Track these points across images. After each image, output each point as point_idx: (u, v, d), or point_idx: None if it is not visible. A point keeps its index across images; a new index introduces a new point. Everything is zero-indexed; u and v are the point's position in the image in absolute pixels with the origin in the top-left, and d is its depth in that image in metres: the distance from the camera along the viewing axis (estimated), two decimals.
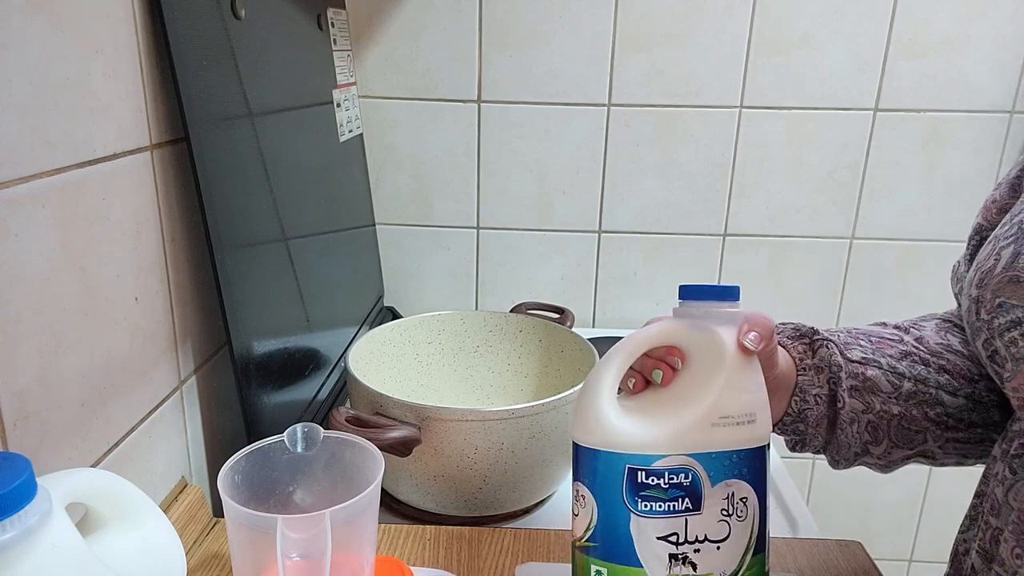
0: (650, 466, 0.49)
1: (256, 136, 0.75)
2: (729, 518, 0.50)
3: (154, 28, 0.62)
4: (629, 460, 0.49)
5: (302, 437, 0.53)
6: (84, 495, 0.47)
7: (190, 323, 0.70)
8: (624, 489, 0.49)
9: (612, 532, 0.49)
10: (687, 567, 0.49)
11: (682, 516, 0.49)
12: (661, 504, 0.49)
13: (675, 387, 0.52)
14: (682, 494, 0.49)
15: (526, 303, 0.96)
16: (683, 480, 0.49)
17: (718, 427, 0.50)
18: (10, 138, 0.46)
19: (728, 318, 0.52)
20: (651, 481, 0.49)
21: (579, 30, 1.15)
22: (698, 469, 0.49)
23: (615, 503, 0.49)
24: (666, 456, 0.49)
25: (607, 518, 0.50)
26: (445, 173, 1.23)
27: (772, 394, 0.54)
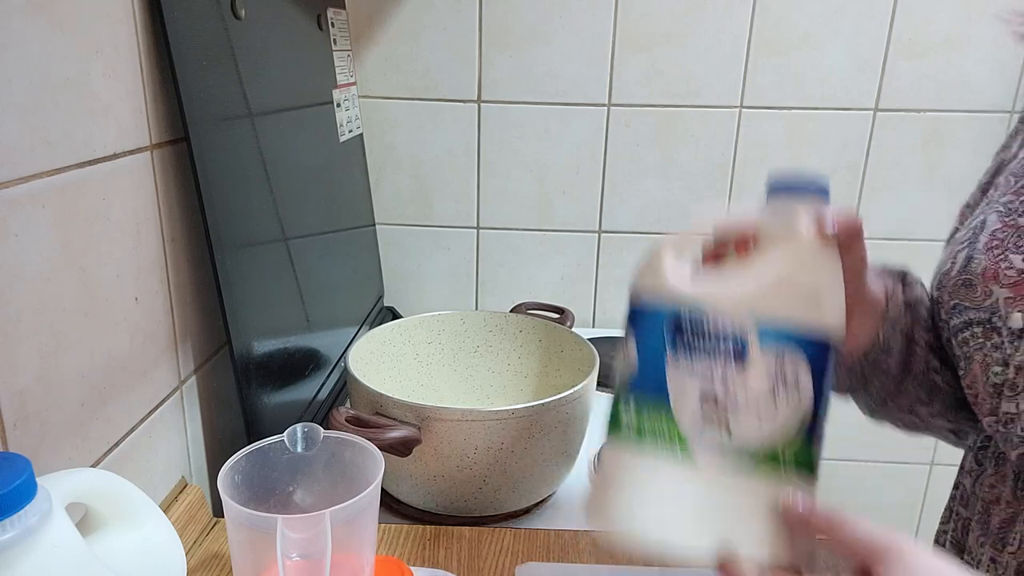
0: (698, 318, 0.47)
1: (256, 136, 0.75)
2: (774, 390, 0.47)
3: (154, 28, 0.62)
4: (679, 311, 0.47)
5: (302, 437, 0.53)
6: (84, 495, 0.47)
7: (190, 323, 0.70)
8: (669, 333, 0.48)
9: (651, 373, 0.48)
10: (721, 427, 0.46)
11: (722, 372, 0.47)
12: (703, 356, 0.47)
13: (741, 261, 0.50)
14: (726, 349, 0.47)
15: (526, 303, 0.96)
16: (731, 337, 0.47)
17: (778, 296, 0.47)
18: (10, 138, 0.46)
19: (810, 205, 0.50)
20: (696, 329, 0.47)
21: (579, 30, 1.15)
22: (747, 328, 0.47)
23: (657, 348, 0.48)
24: (716, 311, 0.47)
25: (647, 361, 0.48)
26: (445, 173, 1.23)
27: (858, 314, 0.54)
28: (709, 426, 0.46)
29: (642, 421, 0.48)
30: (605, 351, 1.11)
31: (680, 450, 0.47)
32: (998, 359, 0.53)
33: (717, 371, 0.47)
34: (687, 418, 0.47)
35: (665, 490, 0.47)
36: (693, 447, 0.47)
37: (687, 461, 0.47)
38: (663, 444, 0.47)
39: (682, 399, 0.47)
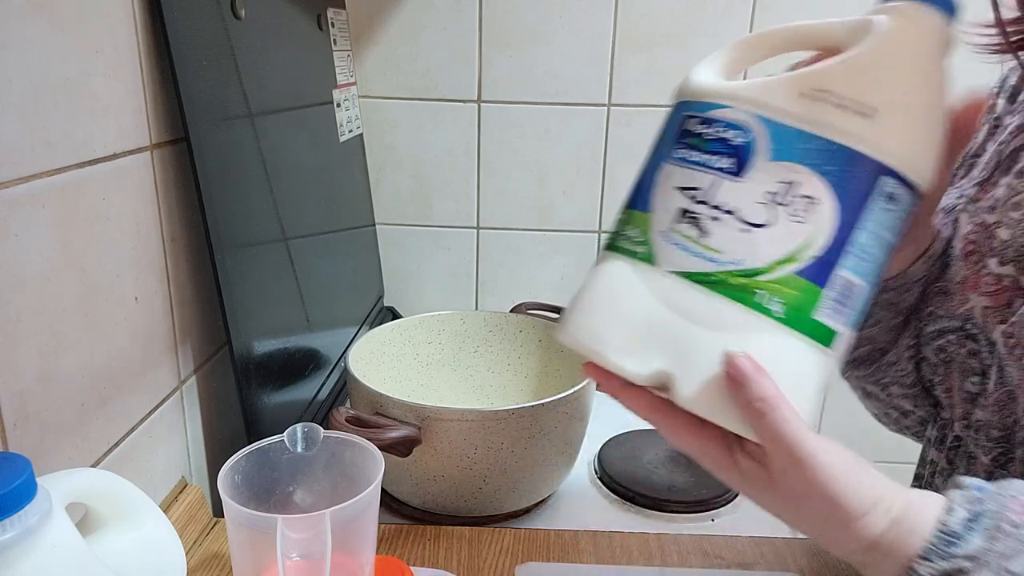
0: (705, 113, 0.42)
1: (256, 136, 0.75)
2: (776, 208, 0.39)
3: (154, 28, 0.62)
4: (688, 108, 0.43)
5: (302, 437, 0.53)
6: (84, 495, 0.47)
7: (190, 323, 0.70)
8: (672, 136, 0.43)
9: (644, 178, 0.43)
10: (695, 229, 0.40)
11: (713, 174, 0.40)
12: (697, 154, 0.41)
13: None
14: (725, 151, 0.40)
15: (526, 303, 0.96)
16: (732, 137, 0.40)
17: (808, 98, 0.40)
18: (10, 138, 0.46)
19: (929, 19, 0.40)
20: (698, 129, 0.42)
21: (579, 30, 1.15)
22: (758, 133, 0.40)
23: (661, 151, 0.43)
24: (727, 107, 0.41)
25: (648, 167, 0.44)
26: (445, 173, 1.23)
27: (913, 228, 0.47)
28: (682, 220, 0.41)
29: (620, 228, 0.44)
30: None
31: (643, 256, 0.42)
32: (975, 368, 0.52)
33: (707, 169, 0.41)
34: (659, 221, 0.42)
35: (615, 297, 0.42)
36: (656, 248, 0.41)
37: (648, 268, 0.42)
38: (629, 249, 0.43)
39: (661, 201, 0.42)
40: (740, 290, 0.39)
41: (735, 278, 0.39)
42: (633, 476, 0.81)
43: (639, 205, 0.43)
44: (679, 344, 0.40)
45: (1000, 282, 0.50)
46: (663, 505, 0.77)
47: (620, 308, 0.42)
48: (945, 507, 0.38)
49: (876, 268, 0.40)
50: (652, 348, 0.40)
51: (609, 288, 0.43)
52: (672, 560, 0.66)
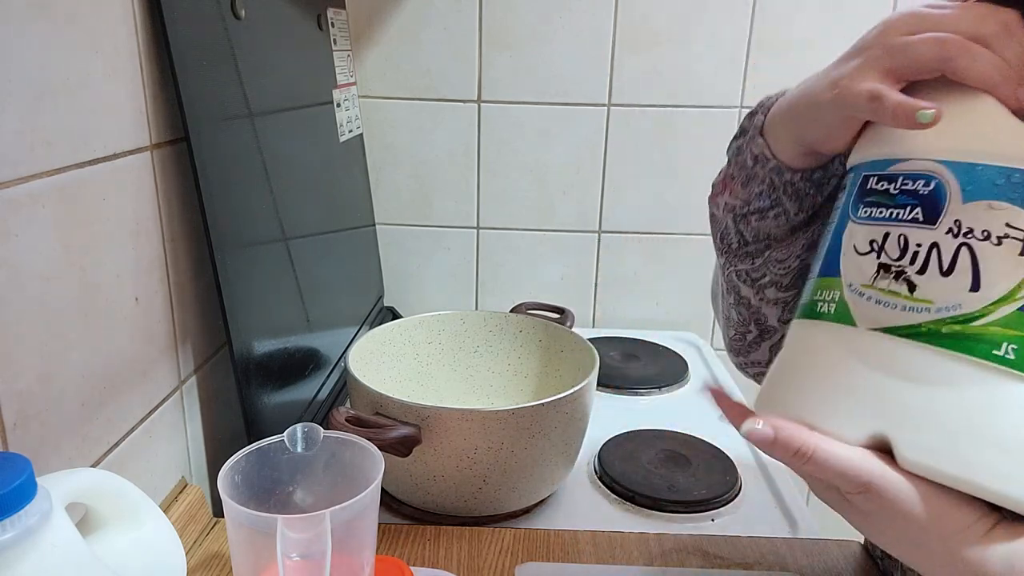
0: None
1: (256, 136, 0.75)
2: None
3: (154, 28, 0.62)
4: (867, 168, 0.42)
5: (302, 437, 0.53)
6: (84, 495, 0.47)
7: (190, 323, 0.70)
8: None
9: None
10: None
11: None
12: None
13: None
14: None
15: (526, 303, 0.96)
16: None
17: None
18: (10, 138, 0.46)
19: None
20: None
21: (579, 30, 1.15)
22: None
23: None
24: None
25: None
26: (445, 173, 1.23)
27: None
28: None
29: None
30: (605, 351, 1.11)
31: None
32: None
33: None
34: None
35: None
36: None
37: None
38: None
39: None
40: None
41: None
42: (633, 476, 0.81)
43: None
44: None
45: None
46: (663, 505, 0.77)
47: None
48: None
49: None
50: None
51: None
52: (672, 560, 0.66)
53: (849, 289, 0.40)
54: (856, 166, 0.43)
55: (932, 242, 0.38)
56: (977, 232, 0.38)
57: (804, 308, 0.43)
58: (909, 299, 0.38)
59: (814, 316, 0.42)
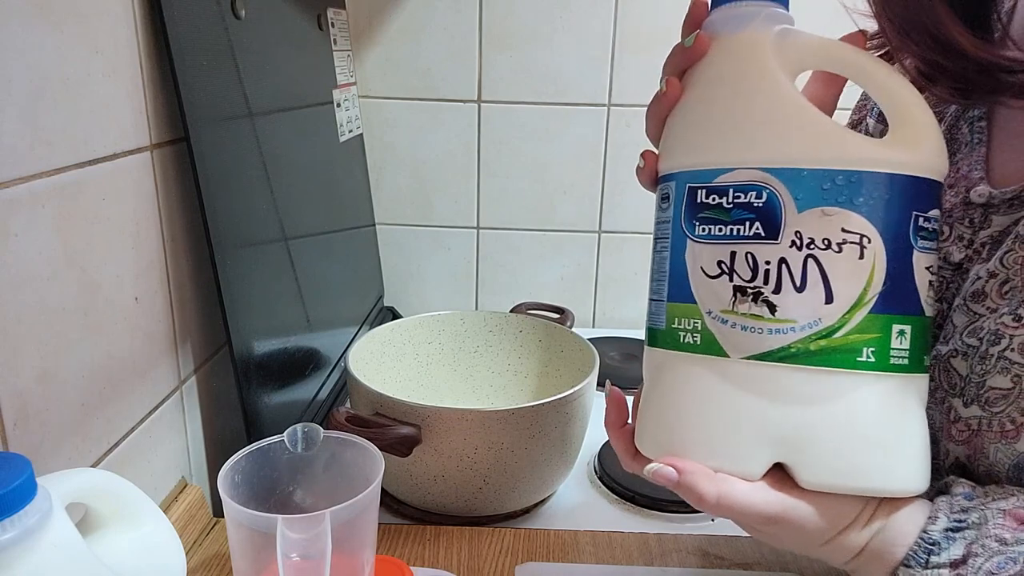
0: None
1: (256, 136, 0.75)
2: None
3: (154, 28, 0.62)
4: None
5: (302, 437, 0.53)
6: (84, 495, 0.47)
7: (190, 323, 0.70)
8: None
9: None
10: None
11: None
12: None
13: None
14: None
15: (526, 303, 0.96)
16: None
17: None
18: (10, 138, 0.46)
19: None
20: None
21: (579, 30, 1.15)
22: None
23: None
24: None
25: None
26: (445, 173, 1.23)
27: None
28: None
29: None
30: (605, 351, 1.11)
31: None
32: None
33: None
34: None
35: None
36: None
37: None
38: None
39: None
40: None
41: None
42: (633, 476, 0.80)
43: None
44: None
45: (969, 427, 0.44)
46: (663, 505, 0.77)
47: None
48: (930, 515, 0.39)
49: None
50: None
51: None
52: (672, 560, 0.66)
53: (710, 317, 0.39)
54: (674, 174, 0.42)
55: (780, 257, 0.38)
56: (818, 241, 0.37)
57: (664, 336, 0.42)
58: (773, 321, 0.38)
59: (679, 347, 0.41)
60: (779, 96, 0.39)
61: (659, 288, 0.43)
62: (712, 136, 0.41)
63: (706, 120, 0.41)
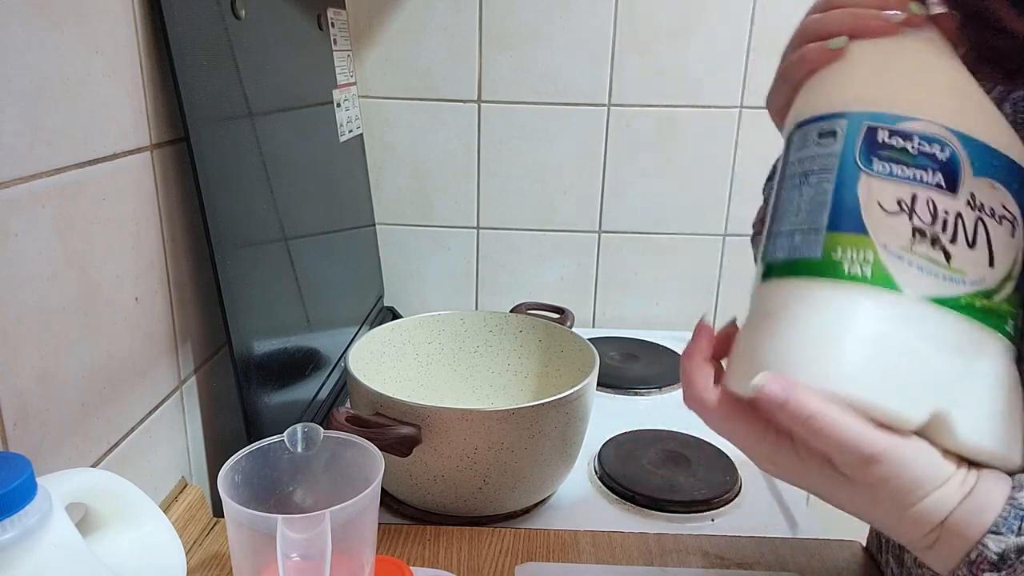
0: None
1: (256, 136, 0.75)
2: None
3: (154, 28, 0.62)
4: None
5: (302, 437, 0.53)
6: (84, 495, 0.47)
7: (190, 323, 0.70)
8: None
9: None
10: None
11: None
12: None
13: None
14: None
15: (526, 303, 0.96)
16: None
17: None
18: (10, 138, 0.46)
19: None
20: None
21: (579, 30, 1.15)
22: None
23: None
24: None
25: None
26: (445, 173, 1.23)
27: None
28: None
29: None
30: (605, 351, 1.11)
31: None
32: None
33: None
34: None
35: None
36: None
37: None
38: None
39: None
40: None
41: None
42: (633, 476, 0.81)
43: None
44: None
45: None
46: (663, 505, 0.77)
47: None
48: (1015, 484, 0.37)
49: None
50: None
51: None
52: (672, 560, 0.66)
53: (886, 251, 0.37)
54: (848, 113, 0.41)
55: (957, 212, 0.38)
56: (987, 208, 0.38)
57: (818, 265, 0.39)
58: (948, 269, 0.37)
59: (841, 277, 0.38)
60: (960, 71, 0.41)
61: (810, 218, 0.40)
62: (899, 85, 0.41)
63: (890, 69, 0.42)
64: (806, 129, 0.42)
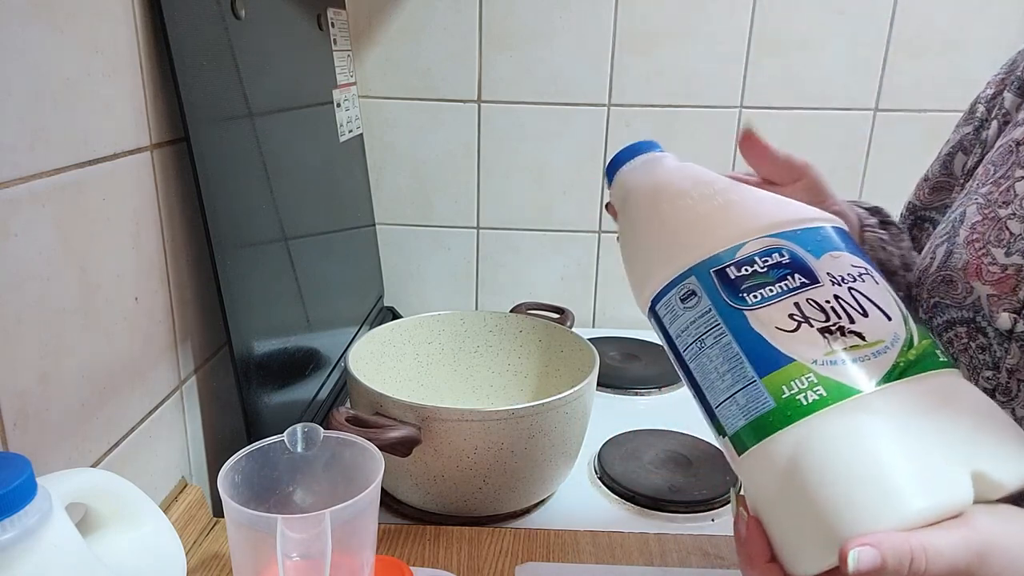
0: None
1: (256, 136, 0.75)
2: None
3: (154, 28, 0.62)
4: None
5: (302, 437, 0.53)
6: (84, 495, 0.47)
7: (190, 323, 0.70)
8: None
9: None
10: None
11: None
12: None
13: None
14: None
15: (526, 303, 0.96)
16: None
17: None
18: (10, 138, 0.46)
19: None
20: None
21: (579, 30, 1.15)
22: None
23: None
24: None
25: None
26: (445, 173, 1.23)
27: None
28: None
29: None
30: (605, 351, 1.11)
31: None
32: (987, 362, 0.50)
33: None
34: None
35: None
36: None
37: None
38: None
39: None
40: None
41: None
42: (633, 476, 0.81)
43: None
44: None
45: (1005, 271, 0.48)
46: (663, 505, 0.77)
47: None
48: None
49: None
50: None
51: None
52: (672, 560, 0.66)
53: (817, 365, 0.38)
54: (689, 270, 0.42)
55: (832, 295, 0.40)
56: (845, 277, 0.41)
57: (781, 413, 0.38)
58: (870, 345, 0.38)
59: (807, 411, 0.37)
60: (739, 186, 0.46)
61: (738, 377, 0.40)
62: (712, 224, 0.44)
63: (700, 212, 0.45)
64: (665, 300, 0.44)
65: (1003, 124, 0.57)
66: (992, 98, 0.60)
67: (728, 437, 0.41)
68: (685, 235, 0.45)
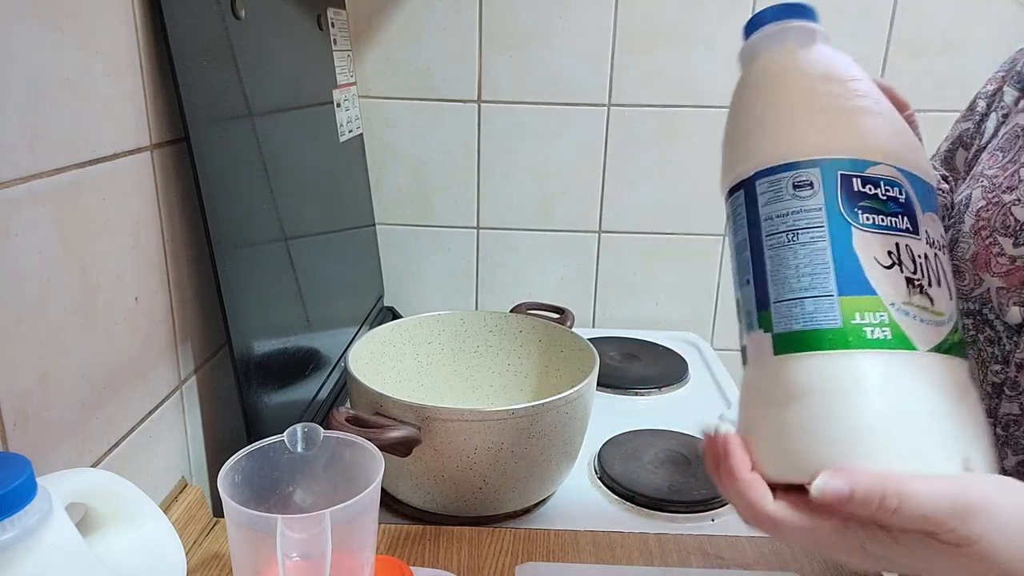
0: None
1: (256, 136, 0.75)
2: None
3: (154, 28, 0.62)
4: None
5: (302, 437, 0.53)
6: (84, 495, 0.47)
7: (190, 323, 0.70)
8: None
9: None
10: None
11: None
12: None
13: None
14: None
15: (526, 303, 0.96)
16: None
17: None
18: (10, 138, 0.46)
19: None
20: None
21: (579, 30, 1.15)
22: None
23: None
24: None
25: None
26: (445, 173, 1.23)
27: None
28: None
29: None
30: (605, 351, 1.11)
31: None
32: (995, 355, 0.50)
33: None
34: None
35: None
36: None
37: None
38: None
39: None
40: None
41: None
42: (633, 476, 0.81)
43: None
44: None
45: (1014, 263, 0.48)
46: (663, 505, 0.77)
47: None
48: None
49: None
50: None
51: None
52: (672, 560, 0.66)
53: (894, 309, 0.38)
54: (819, 160, 0.40)
55: (923, 253, 0.39)
56: (937, 242, 0.40)
57: (843, 335, 0.38)
58: (934, 314, 0.38)
59: (866, 344, 0.37)
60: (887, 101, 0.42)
61: (818, 283, 0.39)
62: (858, 126, 0.41)
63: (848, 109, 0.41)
64: (773, 179, 0.41)
65: (1002, 119, 0.57)
66: (992, 94, 0.60)
67: (773, 334, 0.40)
68: (827, 125, 0.42)
